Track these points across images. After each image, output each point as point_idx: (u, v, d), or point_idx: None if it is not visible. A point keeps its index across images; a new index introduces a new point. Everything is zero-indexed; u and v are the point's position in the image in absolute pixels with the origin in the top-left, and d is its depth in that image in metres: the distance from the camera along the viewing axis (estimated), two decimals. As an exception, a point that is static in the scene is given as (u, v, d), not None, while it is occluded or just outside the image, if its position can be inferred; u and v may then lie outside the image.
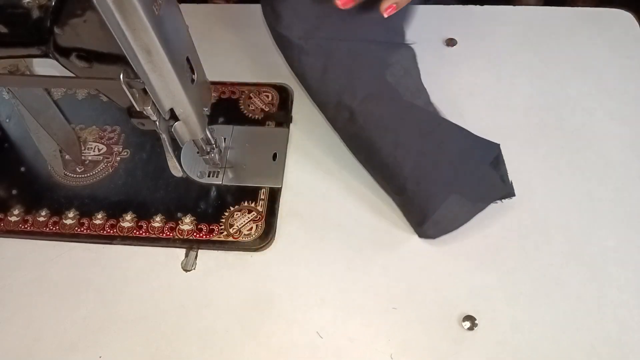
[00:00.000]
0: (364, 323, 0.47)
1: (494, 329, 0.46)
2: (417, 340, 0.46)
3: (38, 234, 0.53)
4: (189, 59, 0.40)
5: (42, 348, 0.48)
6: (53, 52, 0.39)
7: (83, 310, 0.49)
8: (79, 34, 0.38)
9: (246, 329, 0.47)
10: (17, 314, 0.49)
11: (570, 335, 0.45)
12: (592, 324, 0.46)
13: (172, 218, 0.52)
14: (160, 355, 0.47)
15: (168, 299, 0.49)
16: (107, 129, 0.58)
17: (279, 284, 0.49)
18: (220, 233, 0.51)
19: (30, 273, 0.51)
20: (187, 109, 0.41)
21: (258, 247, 0.50)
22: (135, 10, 0.31)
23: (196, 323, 0.48)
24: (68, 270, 0.51)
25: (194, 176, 0.54)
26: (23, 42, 0.39)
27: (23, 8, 0.38)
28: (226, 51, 0.62)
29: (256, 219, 0.52)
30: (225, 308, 0.48)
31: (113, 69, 0.37)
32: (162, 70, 0.36)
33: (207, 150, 0.51)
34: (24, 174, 0.57)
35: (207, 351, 0.46)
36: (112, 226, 0.52)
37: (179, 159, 0.54)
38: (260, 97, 0.59)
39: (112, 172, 0.56)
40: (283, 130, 0.57)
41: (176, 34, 0.37)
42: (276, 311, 0.48)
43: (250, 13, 0.65)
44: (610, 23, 0.62)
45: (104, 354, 0.47)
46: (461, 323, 0.46)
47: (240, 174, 0.54)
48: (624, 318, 0.46)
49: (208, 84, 0.46)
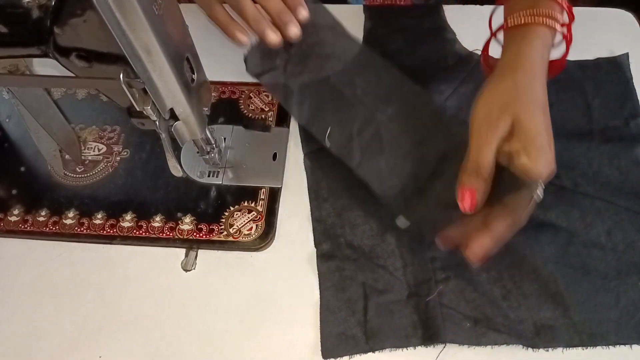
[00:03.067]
0: (364, 323, 0.47)
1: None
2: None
3: (38, 234, 0.53)
4: (189, 59, 0.40)
5: (42, 348, 0.48)
6: (53, 52, 0.39)
7: (83, 310, 0.49)
8: (79, 34, 0.38)
9: (246, 329, 0.47)
10: (17, 314, 0.49)
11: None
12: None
13: (172, 218, 0.52)
14: (160, 355, 0.47)
15: (168, 299, 0.49)
16: (107, 129, 0.58)
17: (279, 284, 0.49)
18: (220, 233, 0.51)
19: (30, 273, 0.51)
20: (187, 109, 0.41)
21: (258, 247, 0.50)
22: (135, 10, 0.31)
23: (196, 323, 0.48)
24: (68, 270, 0.51)
25: (194, 176, 0.54)
26: (23, 42, 0.39)
27: (23, 8, 0.38)
28: (226, 51, 0.62)
29: (256, 219, 0.52)
30: (225, 308, 0.48)
31: (113, 69, 0.37)
32: (162, 70, 0.36)
33: (207, 150, 0.51)
34: (24, 174, 0.57)
35: (207, 351, 0.46)
36: (112, 226, 0.52)
37: (179, 159, 0.54)
38: (260, 97, 0.59)
39: (112, 172, 0.56)
40: (283, 130, 0.57)
41: (176, 34, 0.37)
42: (276, 311, 0.48)
43: (250, 13, 0.65)
44: (610, 23, 0.62)
45: (104, 354, 0.47)
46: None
47: (240, 174, 0.54)
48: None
49: (208, 84, 0.46)
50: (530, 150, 0.40)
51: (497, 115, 0.42)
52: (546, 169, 0.40)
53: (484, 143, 0.41)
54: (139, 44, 0.34)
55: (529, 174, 0.40)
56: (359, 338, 0.45)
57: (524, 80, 0.43)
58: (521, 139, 0.41)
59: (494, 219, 0.41)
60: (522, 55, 0.44)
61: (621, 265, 0.47)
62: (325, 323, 0.46)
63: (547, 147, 0.41)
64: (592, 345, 0.44)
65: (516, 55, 0.45)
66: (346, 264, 0.49)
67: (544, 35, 0.45)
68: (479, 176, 0.41)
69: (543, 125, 0.41)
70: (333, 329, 0.46)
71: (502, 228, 0.41)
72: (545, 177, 0.41)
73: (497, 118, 0.41)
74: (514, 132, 0.41)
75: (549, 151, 0.41)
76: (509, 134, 0.41)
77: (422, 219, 0.47)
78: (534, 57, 0.44)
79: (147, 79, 0.37)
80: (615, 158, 0.52)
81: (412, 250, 0.49)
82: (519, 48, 0.45)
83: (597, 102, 0.55)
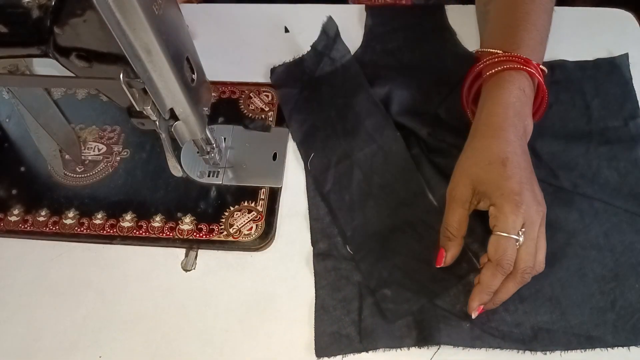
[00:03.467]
0: (364, 323, 0.47)
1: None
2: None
3: (38, 234, 0.53)
4: (189, 59, 0.40)
5: (42, 348, 0.48)
6: (53, 52, 0.39)
7: (83, 310, 0.49)
8: (78, 34, 0.38)
9: (246, 329, 0.47)
10: (17, 314, 0.49)
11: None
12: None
13: (172, 218, 0.52)
14: (160, 355, 0.47)
15: (168, 299, 0.49)
16: (107, 129, 0.58)
17: (279, 284, 0.49)
18: (220, 233, 0.51)
19: (30, 273, 0.51)
20: (187, 109, 0.41)
21: (258, 247, 0.50)
22: (135, 10, 0.31)
23: (196, 323, 0.48)
24: (68, 270, 0.51)
25: (194, 176, 0.54)
26: (23, 42, 0.39)
27: (23, 8, 0.38)
28: (226, 51, 0.62)
29: (256, 219, 0.52)
30: (225, 308, 0.48)
31: (113, 69, 0.37)
32: (162, 70, 0.36)
33: (207, 150, 0.51)
34: (24, 174, 0.57)
35: (207, 351, 0.46)
36: (112, 226, 0.52)
37: (179, 159, 0.54)
38: (260, 97, 0.59)
39: (112, 172, 0.56)
40: (283, 130, 0.57)
41: (176, 34, 0.37)
42: (276, 311, 0.48)
43: (250, 13, 0.65)
44: (610, 23, 0.62)
45: (104, 354, 0.47)
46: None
47: (240, 174, 0.54)
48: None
49: (208, 84, 0.46)
50: (495, 202, 0.43)
51: (457, 180, 0.46)
52: (516, 212, 0.42)
53: (448, 208, 0.46)
54: (139, 44, 0.34)
55: (498, 224, 0.42)
56: (352, 337, 0.46)
57: (482, 142, 0.46)
58: (486, 195, 0.44)
59: (482, 274, 0.44)
60: (491, 109, 0.47)
61: (619, 267, 0.47)
62: (319, 322, 0.46)
63: (517, 192, 0.42)
64: (590, 347, 0.44)
65: (485, 112, 0.48)
66: (342, 264, 0.49)
67: (519, 79, 0.47)
68: (445, 237, 0.46)
69: (504, 175, 0.43)
70: (327, 327, 0.46)
71: (489, 280, 0.43)
72: (522, 220, 0.42)
73: (457, 183, 0.46)
74: (481, 192, 0.44)
75: (520, 194, 0.42)
76: (483, 194, 0.44)
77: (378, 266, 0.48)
78: (506, 103, 0.47)
79: (147, 79, 0.37)
80: (614, 159, 0.52)
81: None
82: (492, 99, 0.48)
83: (597, 102, 0.55)
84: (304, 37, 0.60)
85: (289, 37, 0.63)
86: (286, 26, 0.64)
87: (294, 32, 0.63)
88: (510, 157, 0.44)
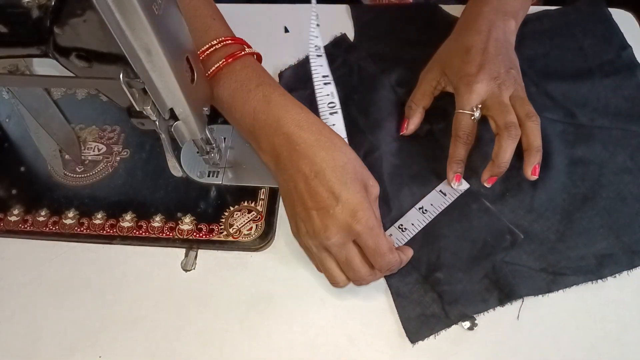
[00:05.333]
0: (364, 323, 0.47)
1: (494, 329, 0.46)
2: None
3: (38, 234, 0.53)
4: (189, 59, 0.40)
5: (42, 348, 0.48)
6: (53, 52, 0.39)
7: (83, 310, 0.49)
8: (78, 34, 0.38)
9: (246, 328, 0.47)
10: (17, 314, 0.49)
11: (570, 334, 0.45)
12: (591, 323, 0.46)
13: (171, 218, 0.52)
14: (160, 355, 0.47)
15: (168, 299, 0.49)
16: (107, 129, 0.58)
17: (279, 284, 0.49)
18: (220, 233, 0.51)
19: (30, 273, 0.51)
20: (186, 109, 0.41)
21: (258, 247, 0.50)
22: (135, 10, 0.31)
23: (196, 323, 0.48)
24: (68, 270, 0.51)
25: (193, 176, 0.54)
26: (23, 42, 0.39)
27: (23, 8, 0.38)
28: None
29: (256, 219, 0.52)
30: (225, 308, 0.48)
31: (113, 69, 0.37)
32: (162, 70, 0.36)
33: (207, 150, 0.51)
34: (24, 174, 0.57)
35: (207, 351, 0.46)
36: (112, 226, 0.52)
37: (179, 159, 0.54)
38: (260, 97, 0.59)
39: (112, 172, 0.56)
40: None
41: (176, 34, 0.37)
42: (276, 311, 0.48)
43: (251, 13, 0.66)
44: (610, 23, 0.62)
45: (104, 354, 0.47)
46: (461, 323, 0.46)
47: (240, 174, 0.54)
48: (623, 317, 0.46)
49: (208, 84, 0.46)
50: (455, 84, 0.51)
51: (430, 65, 0.55)
52: (469, 91, 0.49)
53: (417, 86, 0.55)
54: (139, 44, 0.34)
55: (457, 103, 0.50)
56: (438, 314, 0.46)
57: (455, 35, 0.55)
58: (450, 79, 0.52)
59: (450, 149, 0.51)
60: (469, 7, 0.55)
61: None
62: (401, 309, 0.47)
63: (473, 74, 0.49)
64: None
65: (466, 10, 0.56)
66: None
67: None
68: (408, 107, 0.54)
69: (465, 60, 0.50)
70: (411, 312, 0.47)
71: (452, 150, 0.50)
72: (477, 97, 0.49)
73: (429, 67, 0.55)
74: (447, 75, 0.53)
75: (476, 74, 0.49)
76: (448, 78, 0.53)
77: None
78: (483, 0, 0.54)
79: (147, 79, 0.37)
80: (618, 89, 0.56)
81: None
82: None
83: (588, 42, 0.59)
84: (304, 37, 0.60)
85: (289, 37, 0.63)
86: (286, 26, 0.64)
87: (294, 32, 0.64)
88: (476, 45, 0.51)
